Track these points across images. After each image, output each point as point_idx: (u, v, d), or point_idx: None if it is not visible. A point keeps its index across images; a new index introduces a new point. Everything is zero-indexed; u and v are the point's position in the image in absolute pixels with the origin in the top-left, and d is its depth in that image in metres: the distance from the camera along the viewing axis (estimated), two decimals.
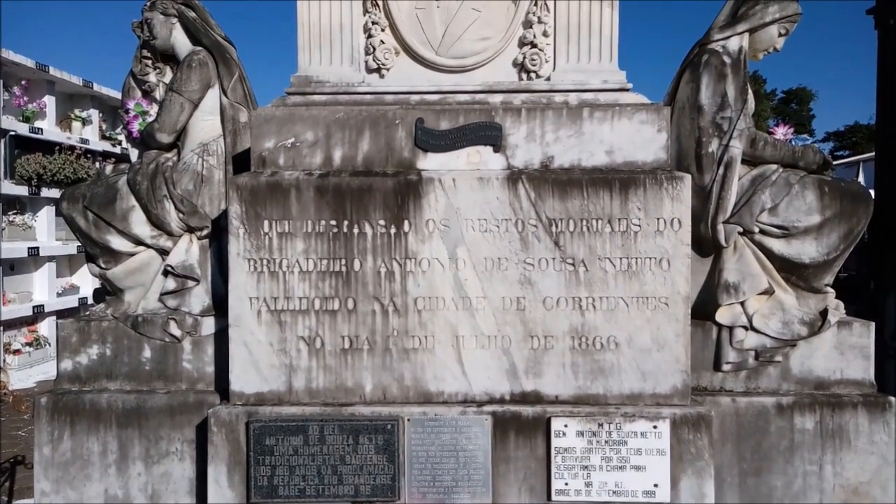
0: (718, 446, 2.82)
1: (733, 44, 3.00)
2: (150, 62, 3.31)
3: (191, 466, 2.93)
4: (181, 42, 3.21)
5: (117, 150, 10.54)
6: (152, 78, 3.33)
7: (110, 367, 3.06)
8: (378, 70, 3.02)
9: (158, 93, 3.30)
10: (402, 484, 2.67)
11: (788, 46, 3.13)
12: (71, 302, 9.52)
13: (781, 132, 3.10)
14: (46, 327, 9.08)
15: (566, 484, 2.65)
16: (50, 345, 8.72)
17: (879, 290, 5.71)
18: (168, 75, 3.31)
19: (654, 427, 2.64)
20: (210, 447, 2.72)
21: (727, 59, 2.97)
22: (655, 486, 2.63)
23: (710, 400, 2.86)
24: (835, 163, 2.99)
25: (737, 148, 2.91)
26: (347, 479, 2.66)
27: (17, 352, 8.40)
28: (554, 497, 2.66)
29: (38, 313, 8.96)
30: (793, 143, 3.06)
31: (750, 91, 3.03)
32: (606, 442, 2.65)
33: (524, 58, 2.98)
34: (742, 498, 2.86)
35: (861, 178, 11.75)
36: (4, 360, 7.93)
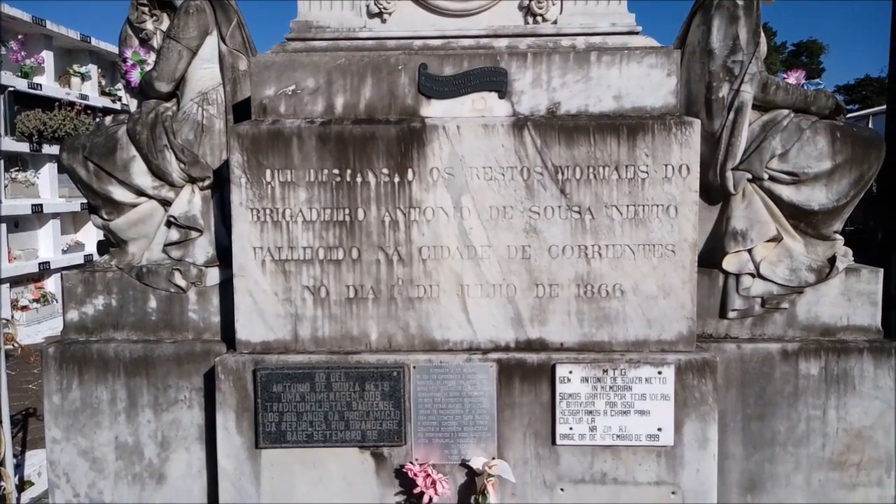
0: (723, 392, 2.83)
1: None
2: (146, 9, 3.23)
3: (199, 413, 2.97)
4: None
5: (117, 105, 10.44)
6: (149, 26, 3.25)
7: (116, 317, 3.08)
8: (380, 14, 2.94)
9: (156, 41, 3.23)
10: (409, 429, 2.71)
11: None
12: (76, 259, 9.56)
13: (793, 77, 3.03)
14: (53, 284, 9.14)
15: (571, 429, 2.68)
16: (57, 301, 8.79)
17: (887, 241, 5.68)
18: (165, 23, 3.23)
19: (659, 373, 2.65)
20: (218, 394, 2.74)
21: (740, 1, 2.88)
22: (659, 430, 2.66)
23: (716, 346, 2.87)
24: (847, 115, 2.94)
25: (748, 93, 2.84)
26: (354, 425, 2.69)
27: (24, 308, 8.48)
28: (558, 441, 2.69)
29: (45, 270, 9.01)
30: (805, 87, 2.99)
31: (762, 34, 2.95)
32: (611, 387, 2.66)
33: (530, 0, 2.89)
34: (745, 442, 2.89)
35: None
36: (12, 315, 8.01)
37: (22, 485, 3.81)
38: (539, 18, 2.91)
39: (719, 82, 2.86)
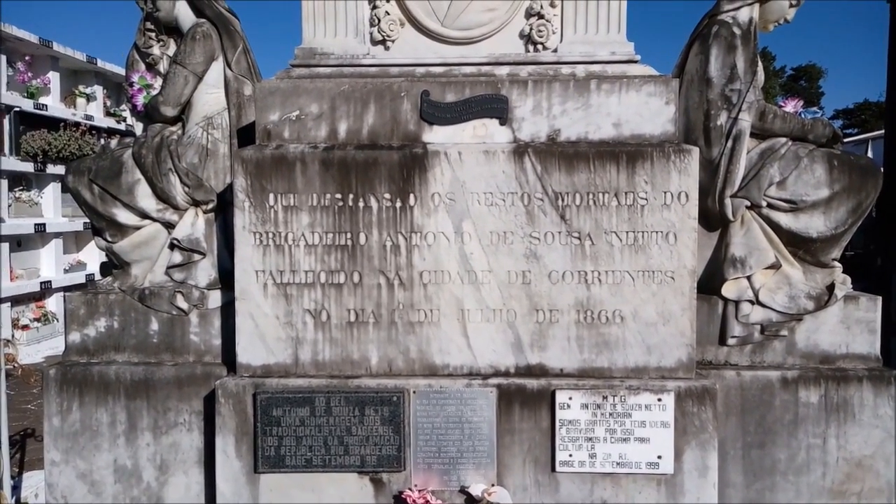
0: (722, 419, 2.83)
1: (743, 14, 2.95)
2: (153, 35, 3.29)
3: (199, 437, 2.97)
4: (184, 14, 3.18)
5: (122, 126, 10.52)
6: (156, 51, 3.30)
7: (118, 339, 3.09)
8: (383, 42, 2.99)
9: (162, 66, 3.28)
10: (408, 455, 2.70)
11: (798, 23, 3.10)
12: (78, 278, 9.57)
13: (791, 105, 3.07)
14: (54, 303, 9.14)
15: (570, 455, 2.67)
16: (58, 320, 8.79)
17: (886, 267, 5.69)
18: (172, 48, 3.28)
19: (659, 400, 2.65)
20: (218, 418, 2.74)
21: (737, 31, 2.93)
22: (659, 457, 2.65)
23: (715, 373, 2.87)
24: (844, 140, 2.97)
25: (745, 121, 2.88)
26: (353, 450, 2.69)
27: (25, 327, 8.47)
28: (558, 468, 2.68)
29: (46, 289, 9.02)
30: (802, 116, 3.03)
31: (760, 63, 3.00)
32: (611, 414, 2.66)
33: (531, 29, 2.94)
34: (746, 470, 2.88)
35: (870, 156, 11.66)
36: (13, 335, 8.00)
37: None
38: (539, 47, 2.96)
39: (717, 110, 2.90)
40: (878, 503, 2.88)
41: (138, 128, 3.34)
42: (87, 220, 3.26)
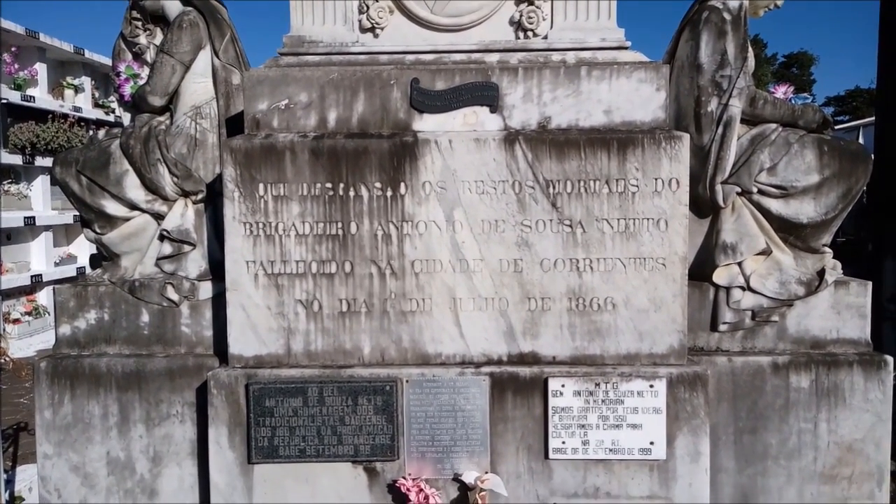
0: (714, 405, 2.84)
1: (734, 0, 2.94)
2: (139, 24, 3.25)
3: (192, 428, 2.96)
4: (171, 3, 3.13)
5: (111, 118, 10.45)
6: (143, 40, 3.27)
7: (109, 331, 3.07)
8: (372, 29, 2.97)
9: (149, 55, 3.24)
10: (401, 443, 2.70)
11: (790, 10, 3.11)
12: (69, 271, 9.52)
13: (781, 91, 3.07)
14: (45, 297, 9.10)
15: (563, 442, 2.68)
16: (49, 314, 8.75)
17: (877, 253, 5.71)
18: (159, 37, 3.24)
19: (651, 386, 2.66)
20: (210, 409, 2.74)
21: (727, 16, 2.92)
22: (651, 443, 2.66)
23: (707, 359, 2.88)
24: (835, 128, 2.97)
25: (736, 107, 2.88)
26: (347, 440, 2.69)
27: (16, 321, 8.43)
28: (551, 455, 2.69)
29: (37, 283, 8.97)
30: (793, 102, 3.03)
31: (750, 49, 2.99)
32: (603, 401, 2.67)
33: (521, 16, 2.92)
34: (737, 455, 2.90)
35: (861, 142, 11.70)
36: (4, 329, 7.96)
37: (13, 500, 3.78)
38: (530, 34, 2.94)
39: (708, 97, 2.89)
40: (868, 487, 2.90)
41: (126, 118, 3.31)
42: (77, 213, 3.23)
